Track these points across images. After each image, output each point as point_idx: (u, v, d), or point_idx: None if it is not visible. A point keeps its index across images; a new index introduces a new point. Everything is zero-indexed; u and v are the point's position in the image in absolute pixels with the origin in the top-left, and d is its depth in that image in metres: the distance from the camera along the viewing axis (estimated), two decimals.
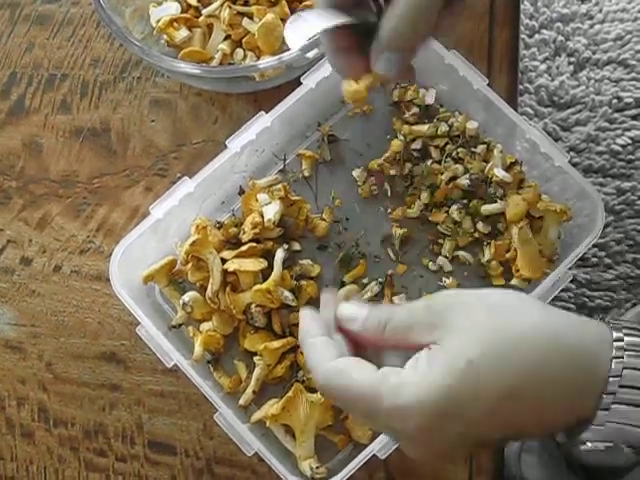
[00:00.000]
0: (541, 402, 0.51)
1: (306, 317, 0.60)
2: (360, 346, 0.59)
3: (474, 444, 0.54)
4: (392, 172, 0.85)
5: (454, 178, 0.83)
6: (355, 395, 0.54)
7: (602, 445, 0.51)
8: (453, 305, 0.55)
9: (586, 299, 1.56)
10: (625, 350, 0.52)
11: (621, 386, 0.51)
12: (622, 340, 0.53)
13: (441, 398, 0.50)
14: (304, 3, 0.87)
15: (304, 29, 0.58)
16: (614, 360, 0.52)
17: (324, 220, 0.84)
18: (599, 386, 0.51)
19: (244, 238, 0.79)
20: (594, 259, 1.57)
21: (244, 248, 0.78)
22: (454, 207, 0.82)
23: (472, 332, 0.53)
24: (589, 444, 0.51)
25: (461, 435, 0.52)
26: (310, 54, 0.80)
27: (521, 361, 0.51)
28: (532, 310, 0.54)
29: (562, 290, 0.79)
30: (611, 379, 0.51)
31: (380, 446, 0.71)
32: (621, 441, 0.51)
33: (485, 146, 0.84)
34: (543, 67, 1.68)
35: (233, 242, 0.81)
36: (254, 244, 0.79)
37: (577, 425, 0.53)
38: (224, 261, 0.79)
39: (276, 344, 0.77)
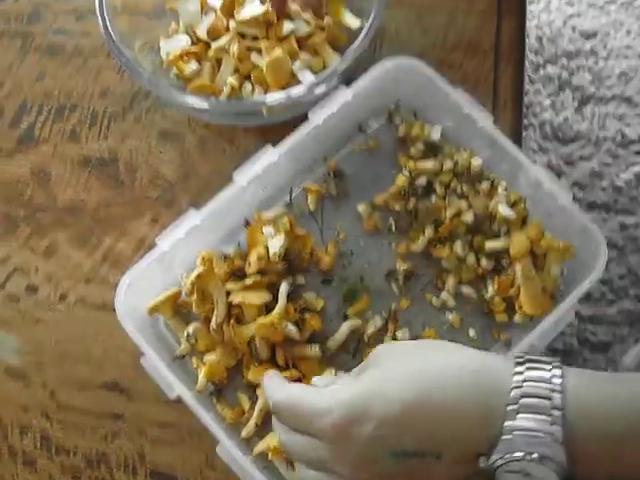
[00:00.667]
0: (446, 412, 0.56)
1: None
2: None
3: (393, 456, 0.56)
4: (397, 207, 0.85)
5: (458, 214, 0.83)
6: (291, 406, 0.62)
7: (518, 454, 0.54)
8: (380, 349, 0.64)
9: (589, 334, 1.56)
10: (525, 362, 0.58)
11: (523, 395, 0.55)
12: (522, 359, 0.58)
13: (353, 398, 0.57)
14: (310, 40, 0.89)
15: None
16: (515, 375, 0.57)
17: (329, 254, 0.84)
18: (504, 399, 0.56)
19: (249, 271, 0.80)
20: (597, 294, 1.57)
21: (249, 282, 0.79)
22: (458, 243, 0.82)
23: (392, 354, 0.62)
24: (507, 456, 0.54)
25: (373, 438, 0.56)
26: (317, 90, 0.81)
27: (425, 374, 0.58)
28: (449, 343, 0.64)
29: None
30: (514, 391, 0.56)
31: None
32: (535, 450, 0.53)
33: (489, 182, 0.84)
34: (548, 102, 1.69)
35: (238, 274, 0.81)
36: (259, 277, 0.79)
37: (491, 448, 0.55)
38: (229, 293, 0.80)
39: None
